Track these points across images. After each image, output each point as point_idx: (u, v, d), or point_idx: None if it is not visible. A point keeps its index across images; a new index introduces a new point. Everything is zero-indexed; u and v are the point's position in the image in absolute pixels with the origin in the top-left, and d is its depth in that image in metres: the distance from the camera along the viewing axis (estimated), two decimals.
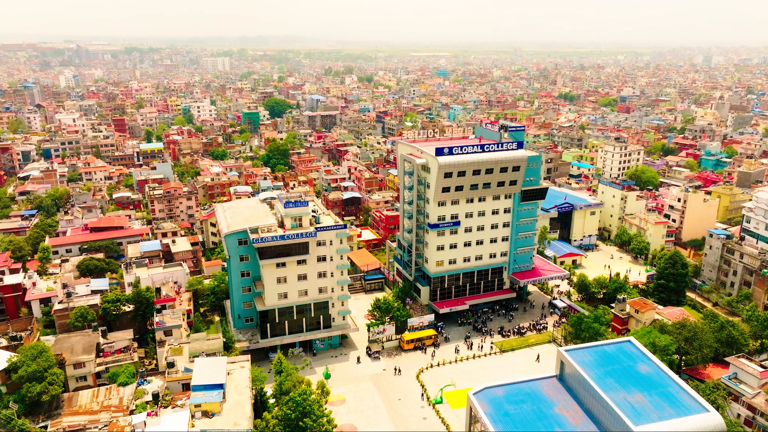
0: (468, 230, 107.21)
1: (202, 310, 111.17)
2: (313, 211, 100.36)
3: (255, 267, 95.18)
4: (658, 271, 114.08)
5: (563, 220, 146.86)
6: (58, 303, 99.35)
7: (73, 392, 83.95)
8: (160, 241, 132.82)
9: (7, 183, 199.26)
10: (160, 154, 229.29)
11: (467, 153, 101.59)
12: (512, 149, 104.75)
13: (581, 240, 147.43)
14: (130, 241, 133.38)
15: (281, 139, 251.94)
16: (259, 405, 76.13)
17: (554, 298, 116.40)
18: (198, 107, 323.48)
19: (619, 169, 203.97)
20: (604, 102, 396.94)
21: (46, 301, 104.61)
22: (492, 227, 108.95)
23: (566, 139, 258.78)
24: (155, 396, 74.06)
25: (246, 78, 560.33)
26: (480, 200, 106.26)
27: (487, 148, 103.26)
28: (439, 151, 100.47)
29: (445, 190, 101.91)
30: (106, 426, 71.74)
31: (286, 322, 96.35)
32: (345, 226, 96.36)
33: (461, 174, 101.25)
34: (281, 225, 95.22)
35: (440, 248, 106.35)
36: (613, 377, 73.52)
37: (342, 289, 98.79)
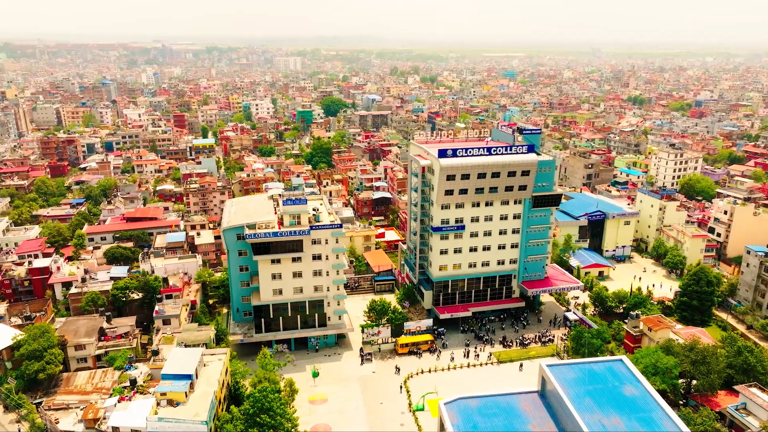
0: (474, 235, 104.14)
1: (211, 302, 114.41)
2: (314, 210, 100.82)
3: (253, 262, 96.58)
4: (681, 288, 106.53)
5: (594, 229, 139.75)
6: (74, 287, 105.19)
7: (72, 372, 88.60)
8: (187, 233, 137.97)
9: (69, 173, 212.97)
10: (210, 149, 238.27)
11: (472, 155, 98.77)
12: (522, 153, 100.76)
13: (613, 251, 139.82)
14: (160, 232, 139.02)
15: (329, 137, 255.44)
16: (231, 398, 77.37)
17: (567, 310, 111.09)
18: (257, 105, 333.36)
19: (673, 177, 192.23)
20: (675, 106, 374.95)
21: (68, 285, 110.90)
22: (500, 233, 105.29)
23: (622, 144, 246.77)
24: (133, 382, 76.80)
25: (312, 77, 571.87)
26: (487, 204, 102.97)
27: (494, 150, 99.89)
28: (442, 153, 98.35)
29: (448, 192, 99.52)
30: (85, 407, 75.32)
31: (281, 318, 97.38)
32: (341, 226, 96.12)
33: (465, 177, 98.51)
34: (281, 222, 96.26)
35: (444, 252, 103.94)
36: (593, 397, 69.52)
37: (338, 289, 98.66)
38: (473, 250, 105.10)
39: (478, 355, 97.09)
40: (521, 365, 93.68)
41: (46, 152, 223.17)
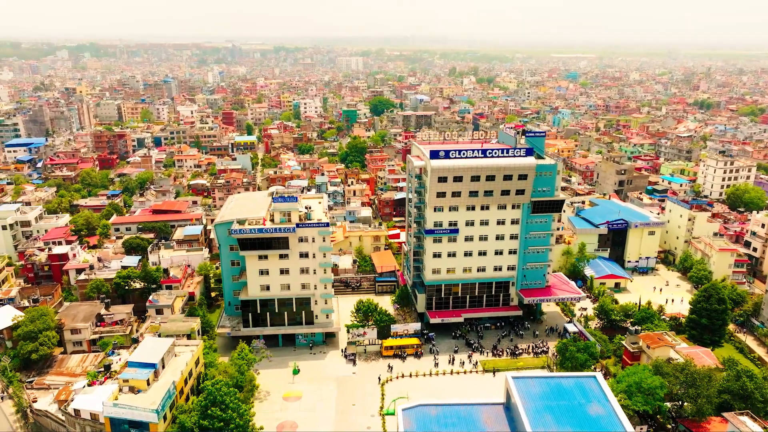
0: (469, 239, 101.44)
1: (213, 294, 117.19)
2: (307, 208, 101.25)
3: (243, 257, 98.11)
4: (691, 304, 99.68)
5: (616, 238, 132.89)
6: (83, 274, 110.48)
7: (66, 355, 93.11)
8: (205, 226, 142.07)
9: (117, 166, 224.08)
10: (251, 146, 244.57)
11: (465, 157, 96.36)
12: (519, 156, 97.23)
13: (636, 262, 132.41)
14: (180, 225, 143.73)
15: (368, 137, 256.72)
16: (196, 389, 78.85)
17: (569, 322, 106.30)
18: (305, 104, 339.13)
19: (722, 186, 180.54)
20: (745, 111, 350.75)
21: (82, 272, 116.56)
22: (497, 238, 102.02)
23: (673, 150, 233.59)
24: (107, 367, 79.80)
25: (369, 77, 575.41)
26: (483, 208, 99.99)
27: (490, 153, 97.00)
28: (434, 154, 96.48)
29: (440, 194, 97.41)
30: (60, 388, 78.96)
31: (268, 313, 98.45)
32: (327, 224, 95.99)
33: (458, 179, 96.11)
34: (272, 219, 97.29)
35: (437, 255, 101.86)
36: (553, 414, 66.59)
37: (325, 287, 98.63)
38: (468, 254, 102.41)
39: (463, 363, 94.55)
40: (494, 373, 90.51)
41: (98, 146, 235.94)
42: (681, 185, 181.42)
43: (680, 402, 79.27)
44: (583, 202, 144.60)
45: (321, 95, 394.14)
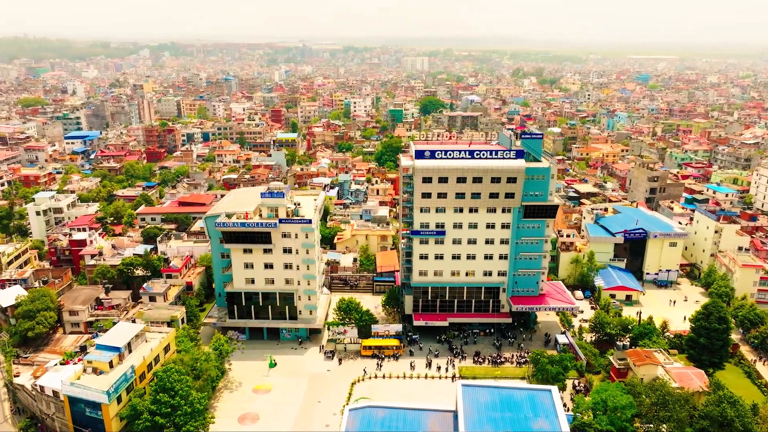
0: (457, 242, 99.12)
1: (214, 285, 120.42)
2: (296, 204, 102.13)
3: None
4: (691, 322, 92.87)
5: (635, 248, 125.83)
6: (93, 259, 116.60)
7: (63, 335, 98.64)
8: None
9: (165, 159, 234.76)
10: (292, 143, 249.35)
11: (451, 158, 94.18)
12: (509, 158, 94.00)
13: (656, 274, 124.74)
14: (200, 217, 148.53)
15: (408, 137, 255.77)
16: None
17: (562, 332, 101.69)
18: (355, 103, 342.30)
19: None
20: None
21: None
22: (486, 242, 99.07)
23: (730, 158, 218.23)
24: (82, 348, 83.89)
25: (427, 77, 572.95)
26: (471, 211, 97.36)
27: (477, 154, 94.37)
28: (420, 154, 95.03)
29: (426, 195, 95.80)
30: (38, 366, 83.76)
31: (253, 306, 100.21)
32: (310, 221, 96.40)
33: (443, 180, 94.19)
34: (261, 214, 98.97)
35: (423, 257, 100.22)
36: (494, 424, 64.80)
37: (308, 284, 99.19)
38: (456, 257, 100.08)
39: (439, 368, 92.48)
40: (453, 378, 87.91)
41: (148, 139, 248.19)
42: (727, 195, 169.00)
43: (649, 423, 74.13)
44: (606, 210, 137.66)
45: (374, 95, 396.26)
